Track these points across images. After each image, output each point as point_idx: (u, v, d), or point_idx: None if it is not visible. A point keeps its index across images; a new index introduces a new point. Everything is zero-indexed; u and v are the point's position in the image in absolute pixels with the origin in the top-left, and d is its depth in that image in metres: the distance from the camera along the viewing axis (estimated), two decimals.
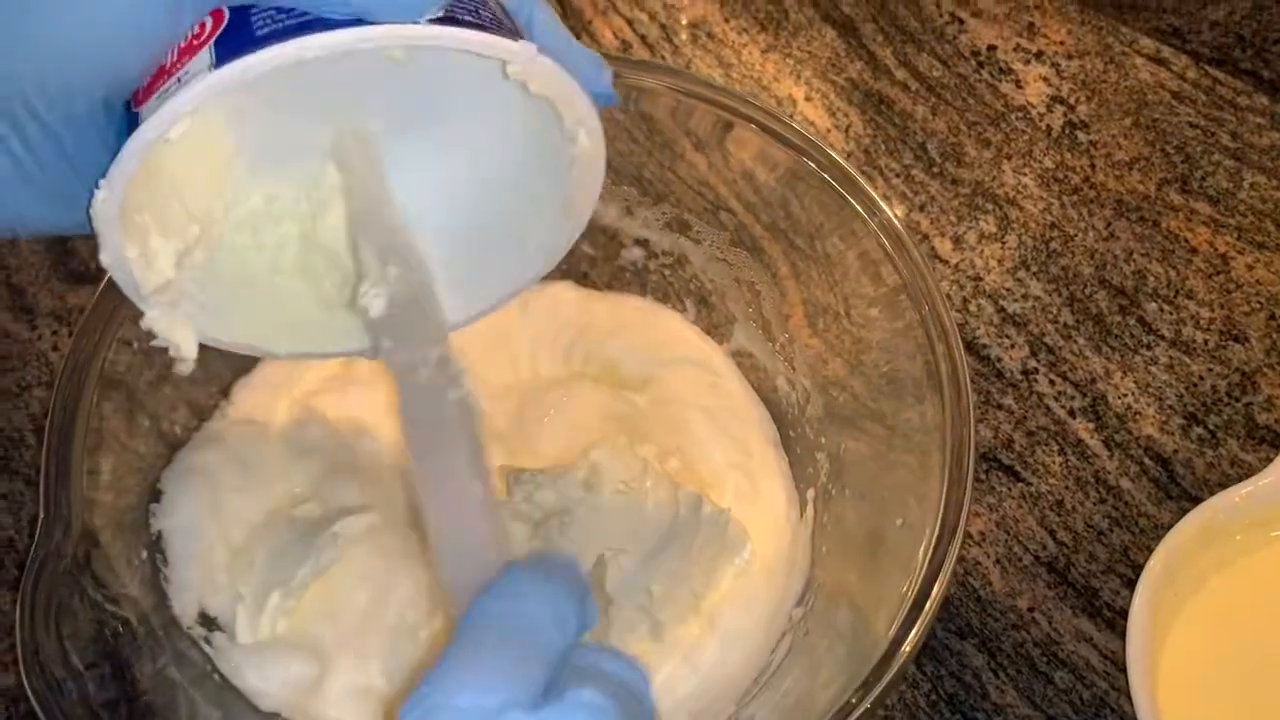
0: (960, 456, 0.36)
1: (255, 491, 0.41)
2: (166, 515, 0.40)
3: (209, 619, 0.39)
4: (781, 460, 0.46)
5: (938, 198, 0.59)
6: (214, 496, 0.41)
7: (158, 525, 0.40)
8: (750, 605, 0.42)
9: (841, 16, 0.66)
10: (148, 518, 0.40)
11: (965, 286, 0.56)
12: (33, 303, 0.55)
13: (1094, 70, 0.63)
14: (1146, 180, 0.59)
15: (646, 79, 0.45)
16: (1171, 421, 0.52)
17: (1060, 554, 0.48)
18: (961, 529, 0.34)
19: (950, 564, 0.34)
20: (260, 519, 0.41)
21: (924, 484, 0.37)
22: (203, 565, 0.39)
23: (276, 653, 0.38)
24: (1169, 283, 0.55)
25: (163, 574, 0.39)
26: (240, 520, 0.41)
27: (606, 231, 0.49)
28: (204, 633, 0.39)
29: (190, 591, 0.39)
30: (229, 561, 0.40)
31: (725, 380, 0.48)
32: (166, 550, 0.39)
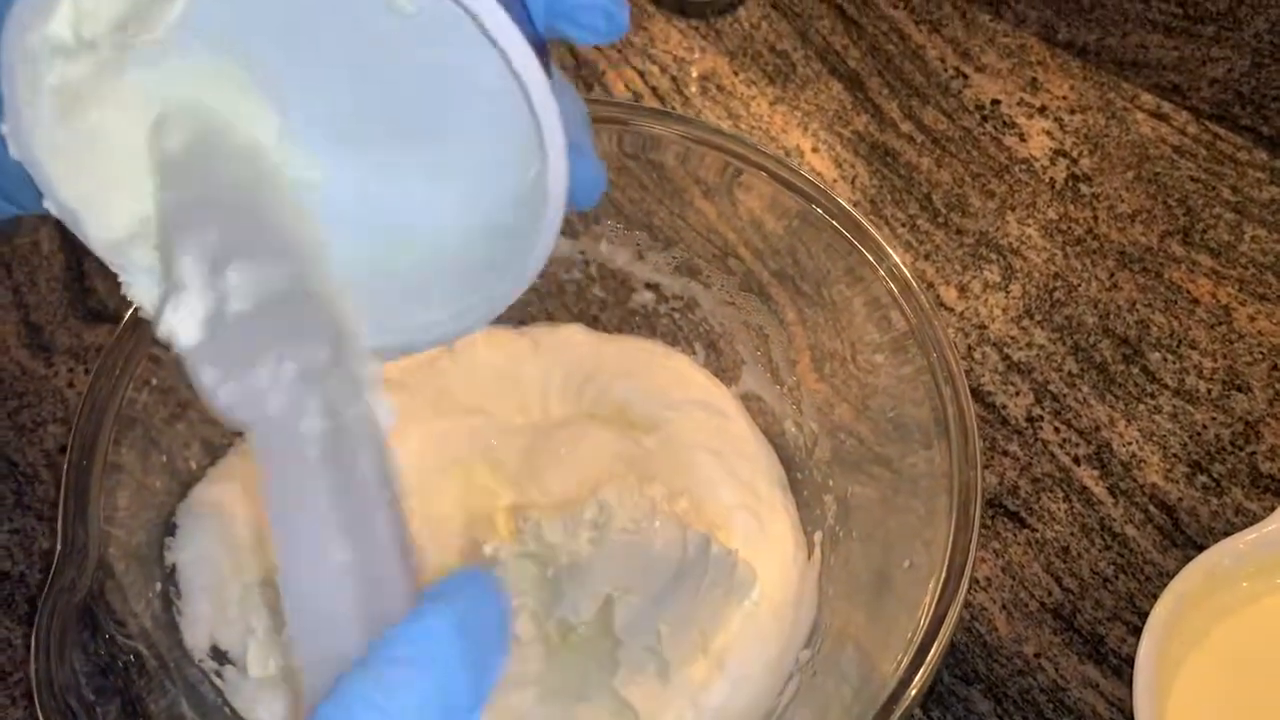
0: (967, 502, 0.37)
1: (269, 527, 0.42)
2: (180, 549, 0.40)
3: (221, 652, 0.39)
4: (789, 502, 0.46)
5: (943, 247, 0.59)
6: (227, 531, 0.41)
7: (171, 559, 0.40)
8: (758, 646, 0.42)
9: (848, 70, 0.67)
10: (162, 551, 0.40)
11: (970, 335, 0.56)
12: (50, 340, 0.56)
13: (1096, 124, 0.64)
14: (1149, 232, 0.60)
15: (656, 127, 0.46)
16: (1176, 470, 0.52)
17: (1066, 600, 0.49)
18: (968, 573, 0.34)
19: (957, 608, 0.34)
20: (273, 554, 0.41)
21: (931, 529, 0.38)
22: (215, 599, 0.40)
23: (287, 688, 0.38)
24: (1172, 333, 0.56)
25: (175, 607, 0.39)
26: (253, 555, 0.41)
27: (617, 275, 0.50)
28: (216, 666, 0.39)
29: (203, 625, 0.39)
30: (242, 595, 0.40)
31: (733, 423, 0.48)
32: (180, 583, 0.39)
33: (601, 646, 0.42)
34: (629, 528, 0.42)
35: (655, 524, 0.42)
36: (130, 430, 0.41)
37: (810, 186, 0.45)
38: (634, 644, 0.41)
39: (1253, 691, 0.42)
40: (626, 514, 0.42)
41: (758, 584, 0.43)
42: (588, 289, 0.51)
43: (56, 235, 0.60)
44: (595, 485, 0.43)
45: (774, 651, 0.42)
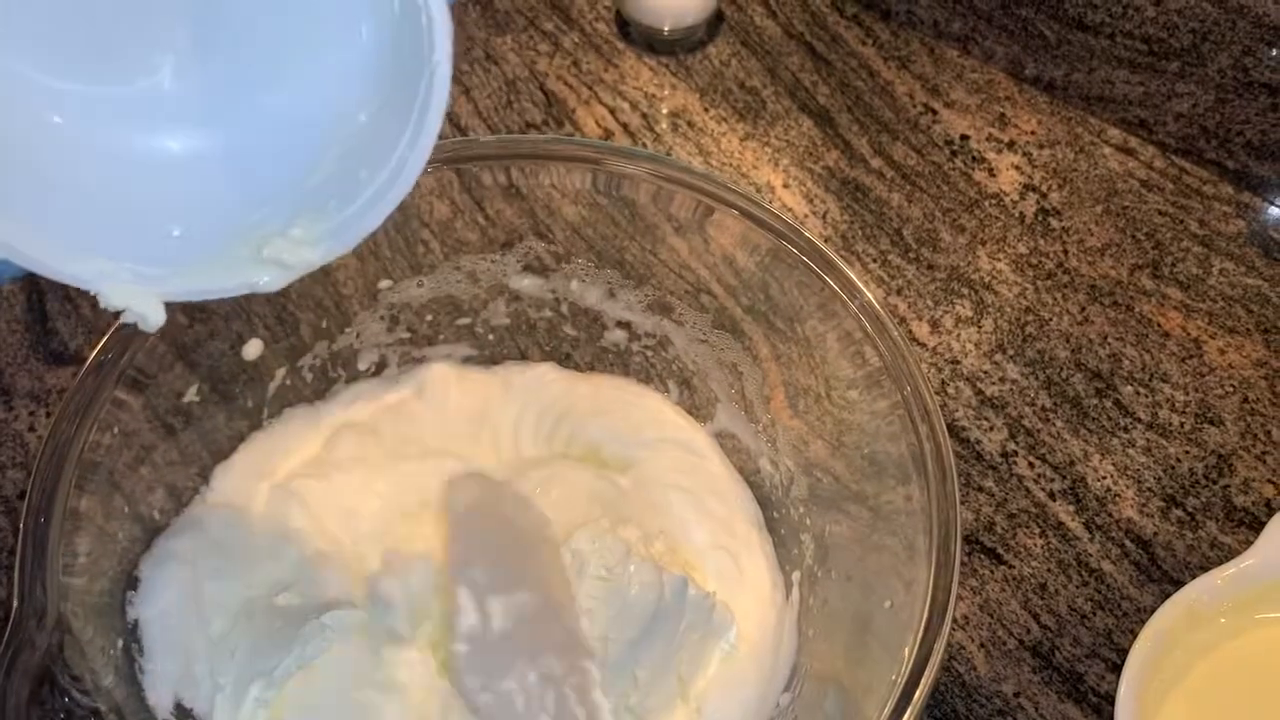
0: (947, 539, 0.36)
1: (235, 579, 0.41)
2: (144, 603, 0.39)
3: (185, 711, 0.38)
4: (766, 541, 0.46)
5: (914, 282, 0.60)
6: (193, 584, 0.40)
7: (134, 614, 0.39)
8: (737, 690, 0.41)
9: (818, 107, 0.67)
10: (124, 605, 0.39)
11: (943, 370, 0.56)
12: (10, 383, 0.55)
13: (1064, 159, 0.65)
14: (1118, 266, 0.60)
15: (628, 165, 0.46)
16: (1151, 504, 0.52)
17: (1044, 638, 0.48)
18: (950, 613, 0.34)
19: (940, 649, 0.33)
20: (240, 607, 0.40)
21: (911, 567, 0.37)
22: (180, 656, 0.38)
23: None
24: (1144, 366, 0.56)
25: (138, 664, 0.38)
26: (220, 608, 0.40)
27: (589, 314, 0.50)
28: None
29: (167, 683, 0.38)
30: (208, 651, 0.39)
31: (708, 461, 0.48)
32: (143, 639, 0.38)
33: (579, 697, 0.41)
34: (603, 575, 0.41)
35: (630, 568, 0.41)
36: (92, 475, 0.39)
37: (781, 224, 0.45)
38: (611, 691, 0.40)
39: None
40: (600, 560, 0.41)
41: (735, 626, 0.42)
42: (559, 327, 0.50)
43: (19, 275, 0.59)
44: (569, 528, 0.43)
45: (753, 695, 0.41)
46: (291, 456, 0.45)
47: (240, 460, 0.44)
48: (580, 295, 0.49)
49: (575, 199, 0.50)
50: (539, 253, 0.49)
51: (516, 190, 0.48)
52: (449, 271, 0.48)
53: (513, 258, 0.48)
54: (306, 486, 0.44)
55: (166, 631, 0.39)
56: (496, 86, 0.68)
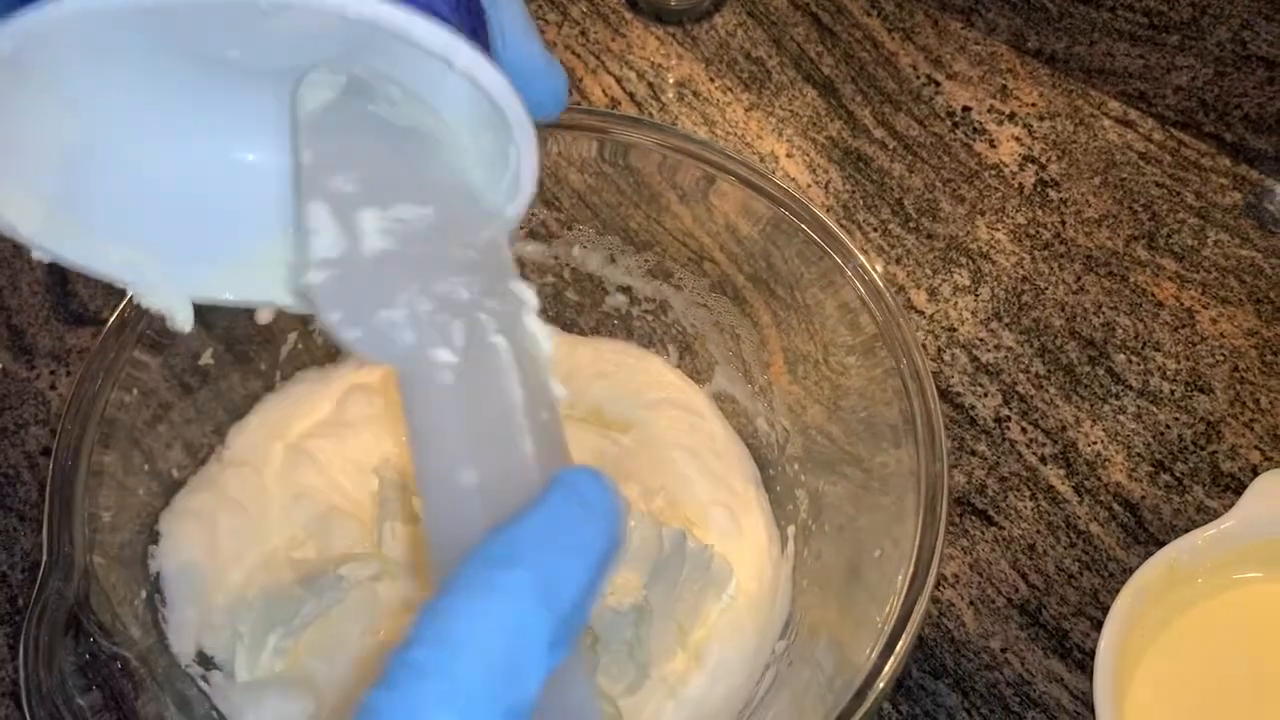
0: (934, 498, 0.38)
1: (252, 534, 0.42)
2: (165, 557, 0.41)
3: (207, 658, 0.40)
4: (763, 498, 0.47)
5: (913, 251, 0.61)
6: (211, 539, 0.42)
7: (156, 566, 0.41)
8: (735, 639, 0.43)
9: (822, 78, 0.68)
10: (145, 558, 0.41)
11: (940, 337, 0.58)
12: (32, 343, 0.57)
13: (1064, 131, 0.65)
14: (1115, 236, 0.61)
15: (634, 134, 0.47)
16: (1140, 469, 0.53)
17: (1032, 596, 0.50)
18: (935, 566, 0.36)
19: (925, 599, 0.35)
20: (258, 561, 0.42)
21: (899, 524, 0.39)
22: (201, 606, 0.40)
23: (274, 690, 0.39)
24: (1137, 335, 0.57)
25: (161, 614, 0.40)
26: (238, 562, 0.42)
27: (592, 279, 0.51)
28: (202, 671, 0.39)
29: (188, 631, 0.40)
30: (227, 603, 0.41)
31: (707, 421, 0.49)
32: (165, 591, 0.40)
33: (581, 642, 0.43)
34: None
35: (630, 523, 0.43)
36: (114, 433, 0.41)
37: (782, 193, 0.46)
38: (613, 640, 0.42)
39: (1211, 684, 0.43)
40: None
41: (734, 578, 0.44)
42: (563, 292, 0.52)
43: None
44: None
45: (751, 643, 0.43)
46: (304, 417, 0.47)
47: (255, 421, 0.46)
48: (582, 261, 0.50)
49: (581, 167, 0.52)
50: (542, 219, 0.50)
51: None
52: None
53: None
54: (319, 446, 0.46)
55: (187, 583, 0.40)
56: None
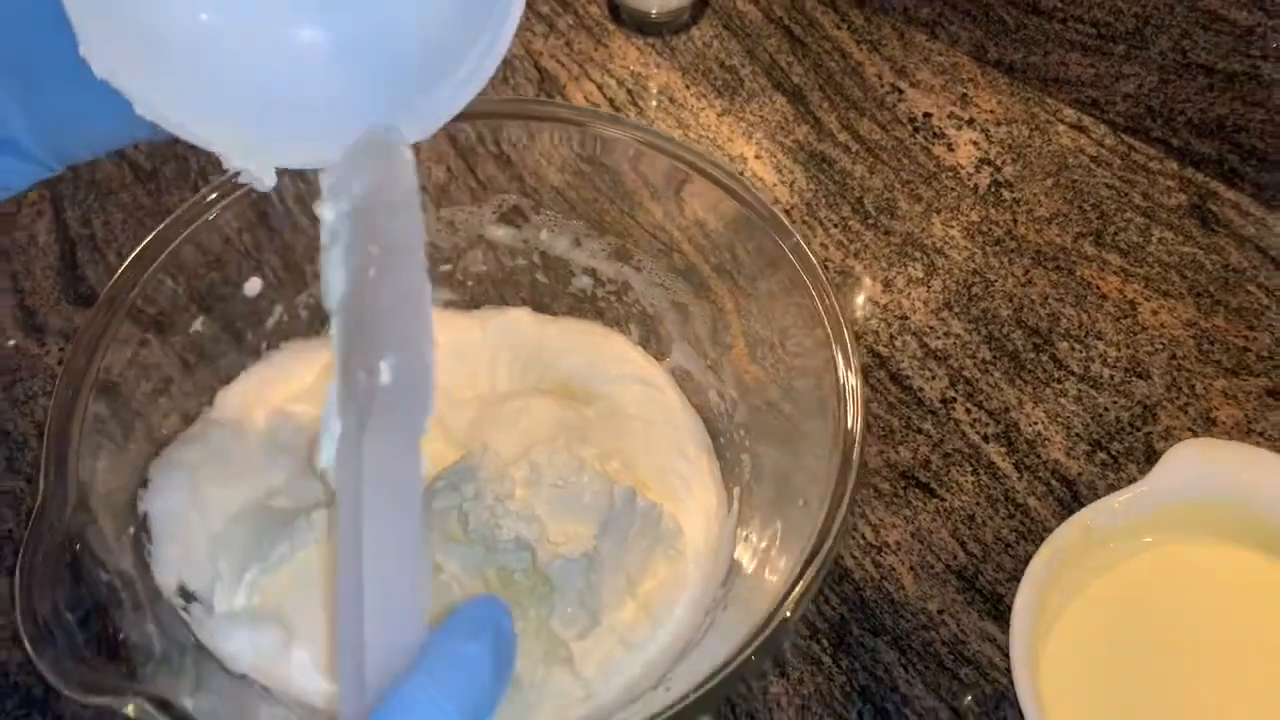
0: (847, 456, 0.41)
1: (233, 484, 0.46)
2: (152, 500, 0.44)
3: (188, 592, 0.43)
4: (713, 464, 0.50)
5: (871, 246, 0.64)
6: (195, 488, 0.45)
7: (144, 507, 0.44)
8: (681, 590, 0.46)
9: (791, 86, 0.72)
10: (135, 500, 0.44)
11: (893, 324, 0.61)
12: (43, 322, 0.61)
13: (1020, 136, 0.69)
14: (1064, 233, 0.64)
15: (611, 130, 0.51)
16: (1077, 447, 0.56)
17: (970, 563, 0.53)
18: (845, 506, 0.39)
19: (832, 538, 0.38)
20: (238, 508, 0.46)
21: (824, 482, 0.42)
22: (183, 545, 0.44)
23: (249, 622, 0.43)
24: (1080, 324, 0.61)
25: (147, 550, 0.43)
26: (219, 510, 0.45)
27: (560, 262, 0.55)
28: (183, 604, 0.43)
29: (171, 567, 0.43)
30: (208, 543, 0.44)
31: (664, 395, 0.53)
32: (151, 530, 0.44)
33: (538, 591, 0.46)
34: (558, 483, 0.46)
35: (584, 479, 0.46)
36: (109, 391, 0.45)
37: (745, 191, 0.49)
38: (567, 589, 0.45)
39: (1123, 641, 0.46)
40: (556, 472, 0.46)
41: (682, 535, 0.47)
42: (532, 274, 0.55)
43: (52, 228, 0.65)
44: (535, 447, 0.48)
45: (696, 594, 0.46)
46: (287, 384, 0.50)
47: (240, 386, 0.50)
48: (550, 244, 0.54)
49: (562, 167, 0.55)
50: (513, 204, 0.54)
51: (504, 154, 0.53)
52: (431, 221, 0.53)
53: (489, 209, 0.53)
54: (300, 410, 0.49)
55: (171, 525, 0.44)
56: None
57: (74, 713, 0.49)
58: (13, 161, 0.32)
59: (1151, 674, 0.45)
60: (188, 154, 0.68)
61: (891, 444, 0.56)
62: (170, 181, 0.67)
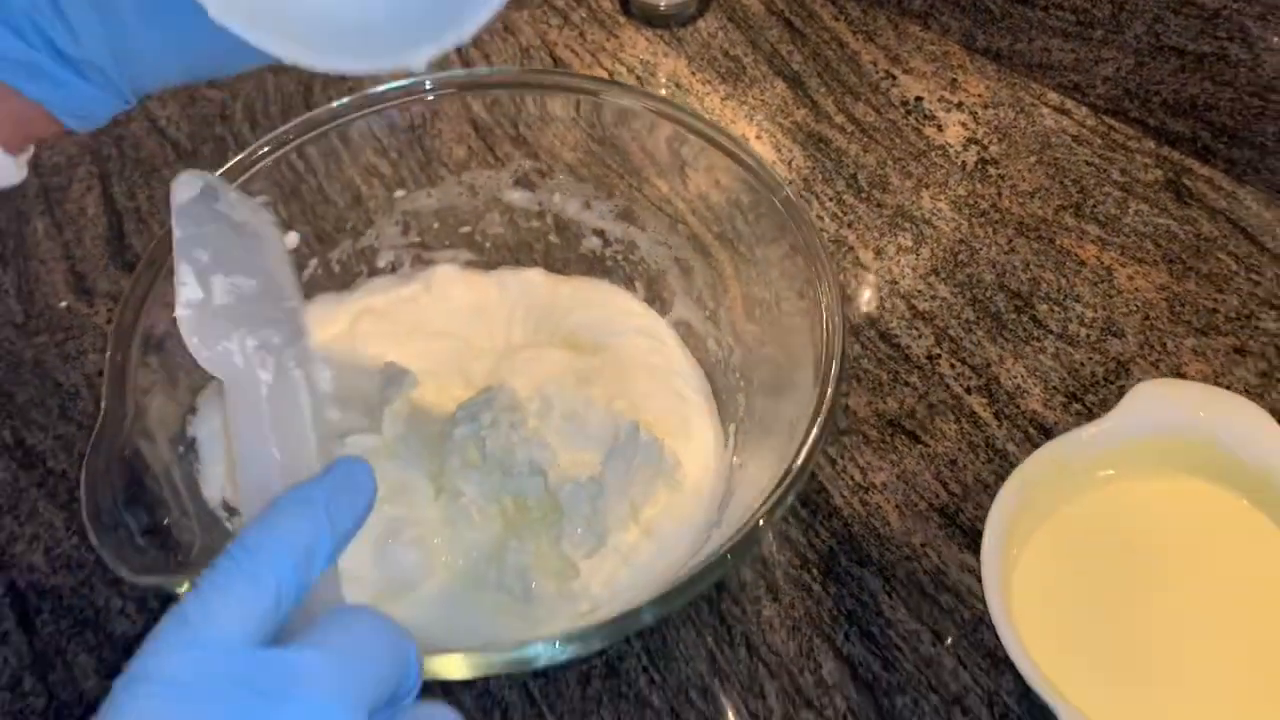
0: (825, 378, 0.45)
1: None
2: (200, 426, 0.49)
3: (230, 507, 0.48)
4: (711, 406, 0.55)
5: (864, 218, 0.68)
6: None
7: (192, 432, 0.49)
8: (681, 517, 0.50)
9: (791, 72, 0.77)
10: (185, 425, 0.49)
11: (883, 288, 0.65)
12: (92, 286, 0.66)
13: (1006, 118, 0.73)
14: (1045, 206, 0.68)
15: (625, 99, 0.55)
16: (1054, 399, 0.60)
17: (951, 502, 0.57)
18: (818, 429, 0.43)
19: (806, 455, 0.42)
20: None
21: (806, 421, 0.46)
22: (227, 465, 0.48)
23: None
24: (1059, 288, 0.65)
25: (196, 468, 0.48)
26: None
27: (571, 223, 0.59)
28: (226, 515, 0.47)
29: (216, 484, 0.47)
30: None
31: (667, 346, 0.57)
32: (199, 450, 0.48)
33: (549, 517, 0.50)
34: (568, 416, 0.50)
35: (591, 413, 0.50)
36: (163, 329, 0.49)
37: (750, 157, 0.53)
38: (575, 513, 0.49)
39: (1088, 564, 0.49)
40: (565, 405, 0.50)
41: (681, 467, 0.51)
42: (545, 236, 0.60)
43: (101, 201, 0.70)
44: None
45: (695, 520, 0.50)
46: (321, 329, 0.55)
47: None
48: (562, 207, 0.58)
49: (574, 147, 0.60)
50: (528, 169, 0.58)
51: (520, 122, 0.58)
52: (453, 185, 0.58)
53: (506, 174, 0.58)
54: (334, 350, 0.54)
55: (216, 447, 0.48)
56: (512, 53, 0.78)
57: (122, 630, 0.53)
58: (94, 90, 0.37)
59: (1114, 595, 0.49)
60: (224, 134, 0.73)
61: (880, 395, 0.60)
62: (208, 160, 0.72)
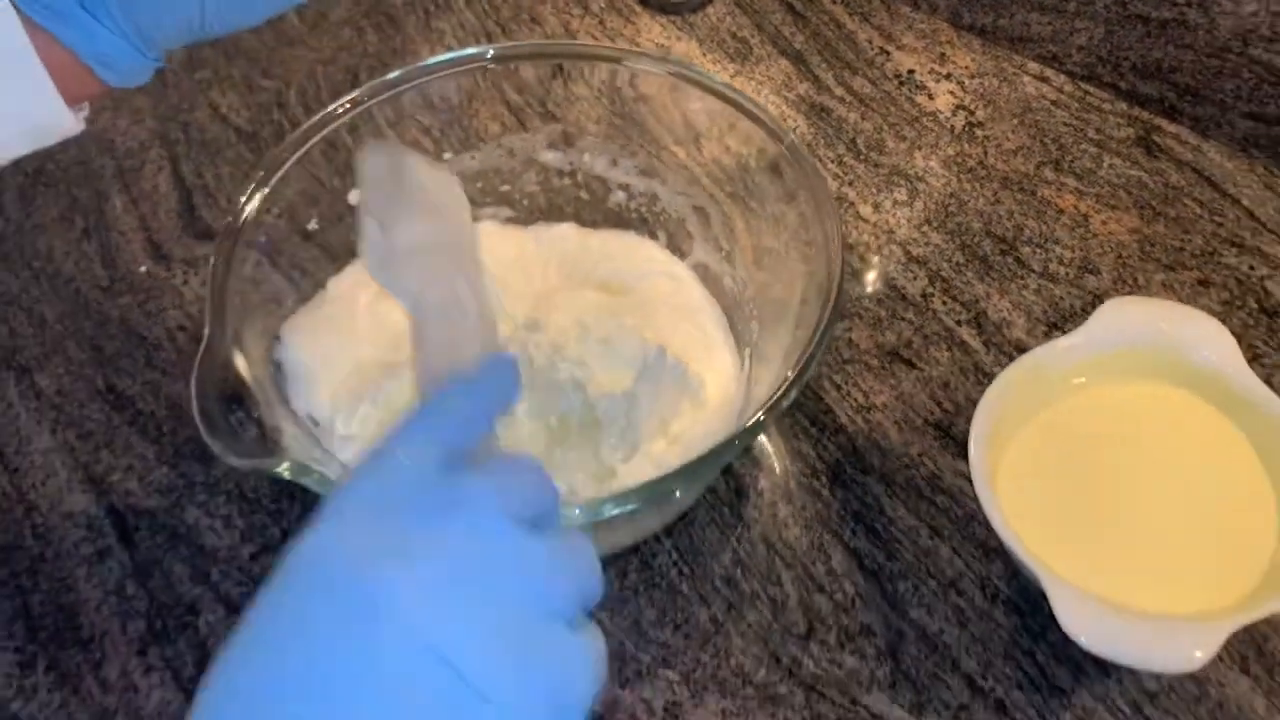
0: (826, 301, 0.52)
1: (346, 344, 0.58)
2: (284, 352, 0.56)
3: (314, 420, 0.55)
4: (728, 336, 0.62)
5: (863, 177, 0.75)
6: (315, 345, 0.57)
7: (277, 357, 0.56)
8: (706, 428, 0.57)
9: (794, 51, 0.84)
10: (271, 351, 0.56)
11: (881, 237, 0.72)
12: (168, 253, 0.73)
13: (991, 86, 0.80)
14: (1028, 162, 0.75)
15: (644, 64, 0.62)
16: (1037, 329, 0.67)
17: (945, 418, 0.63)
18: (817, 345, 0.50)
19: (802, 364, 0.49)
20: (351, 365, 0.57)
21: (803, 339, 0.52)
22: (308, 387, 0.55)
23: (364, 441, 0.54)
24: (1040, 233, 0.71)
25: (282, 386, 0.55)
26: (334, 363, 0.57)
27: (598, 180, 0.66)
28: (311, 426, 0.54)
29: (301, 401, 0.55)
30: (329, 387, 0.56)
31: (687, 286, 0.64)
32: (284, 371, 0.55)
33: (588, 431, 0.57)
34: (601, 340, 0.57)
35: (623, 337, 0.57)
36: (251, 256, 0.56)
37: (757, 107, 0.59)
38: (612, 426, 0.56)
39: (1064, 460, 0.55)
40: (600, 331, 0.57)
41: (705, 387, 0.58)
42: (576, 192, 0.67)
43: (171, 179, 0.77)
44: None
45: (716, 430, 0.57)
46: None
47: (347, 274, 0.61)
48: (590, 165, 0.65)
49: (598, 120, 0.67)
50: (561, 132, 0.66)
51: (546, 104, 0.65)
52: (493, 148, 0.65)
53: (541, 137, 0.65)
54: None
55: (298, 370, 0.55)
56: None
57: (211, 543, 0.60)
58: (115, 39, 0.43)
59: (1088, 484, 0.55)
60: (280, 119, 0.81)
61: (879, 330, 0.67)
62: (267, 141, 0.79)
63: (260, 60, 0.86)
